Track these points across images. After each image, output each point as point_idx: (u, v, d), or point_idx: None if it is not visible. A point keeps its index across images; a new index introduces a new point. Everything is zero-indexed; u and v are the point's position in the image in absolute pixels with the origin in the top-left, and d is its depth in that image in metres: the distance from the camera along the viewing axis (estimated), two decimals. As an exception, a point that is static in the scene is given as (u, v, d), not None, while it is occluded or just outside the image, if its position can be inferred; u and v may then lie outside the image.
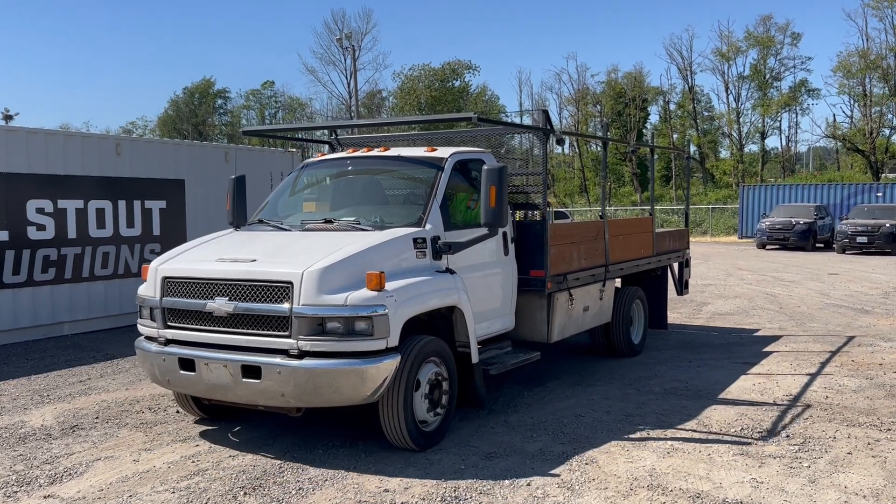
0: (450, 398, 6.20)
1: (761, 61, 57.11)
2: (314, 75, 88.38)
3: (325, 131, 9.03)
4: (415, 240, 6.17)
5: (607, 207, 50.96)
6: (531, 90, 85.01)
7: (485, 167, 6.28)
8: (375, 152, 7.45)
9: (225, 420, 6.79)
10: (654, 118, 66.70)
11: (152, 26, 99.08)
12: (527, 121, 71.21)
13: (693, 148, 60.77)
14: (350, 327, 5.41)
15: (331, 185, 7.59)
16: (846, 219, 27.56)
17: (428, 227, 6.32)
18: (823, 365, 8.94)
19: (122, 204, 12.00)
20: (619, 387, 7.94)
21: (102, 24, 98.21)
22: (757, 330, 11.44)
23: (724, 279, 18.40)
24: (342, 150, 8.54)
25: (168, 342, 6.08)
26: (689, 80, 61.29)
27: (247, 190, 7.78)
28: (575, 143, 63.44)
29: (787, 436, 6.25)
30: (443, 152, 7.03)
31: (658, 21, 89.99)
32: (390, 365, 5.54)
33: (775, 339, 10.65)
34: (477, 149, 7.73)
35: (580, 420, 6.72)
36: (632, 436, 6.28)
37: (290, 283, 5.51)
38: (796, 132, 74.31)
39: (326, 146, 9.13)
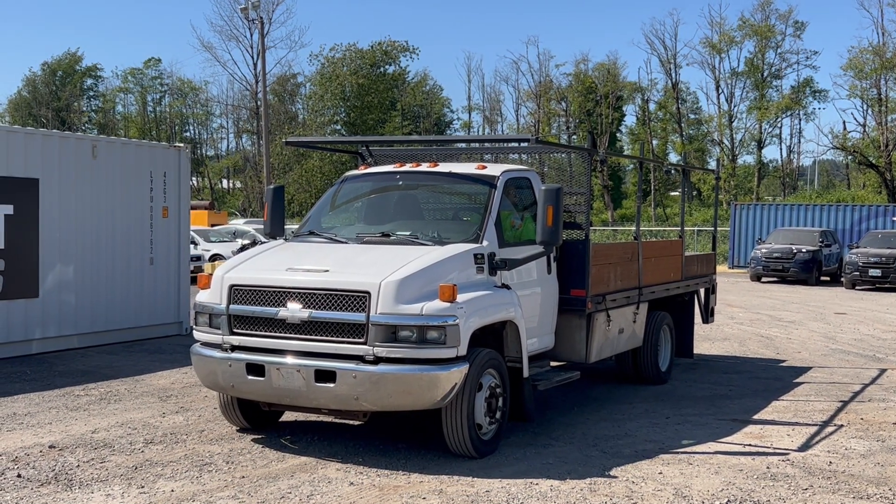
0: (503, 410, 7.81)
1: (758, 55, 58.92)
2: (212, 53, 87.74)
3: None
4: (475, 255, 7.78)
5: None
6: (482, 81, 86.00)
7: (543, 187, 7.97)
8: (425, 167, 9.08)
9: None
10: (630, 119, 68.12)
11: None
12: (476, 118, 71.94)
13: (676, 157, 62.18)
14: (424, 336, 6.97)
15: (377, 198, 9.32)
16: (857, 247, 28.42)
17: (485, 243, 7.95)
18: (826, 423, 9.17)
19: (-45, 208, 11.67)
20: (581, 448, 8.01)
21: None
22: (748, 380, 11.69)
23: (711, 317, 18.74)
24: (372, 161, 10.40)
25: (233, 348, 7.46)
26: (673, 74, 62.91)
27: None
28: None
29: (783, 510, 6.38)
30: (494, 170, 8.72)
31: (637, 3, 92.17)
32: (460, 372, 7.10)
33: (770, 391, 10.90)
34: (523, 167, 9.60)
35: (533, 489, 6.75)
36: (595, 509, 6.32)
37: (368, 292, 7.05)
38: (799, 142, 76.79)
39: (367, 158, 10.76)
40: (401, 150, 11.01)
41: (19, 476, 6.89)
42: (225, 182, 79.69)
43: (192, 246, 26.24)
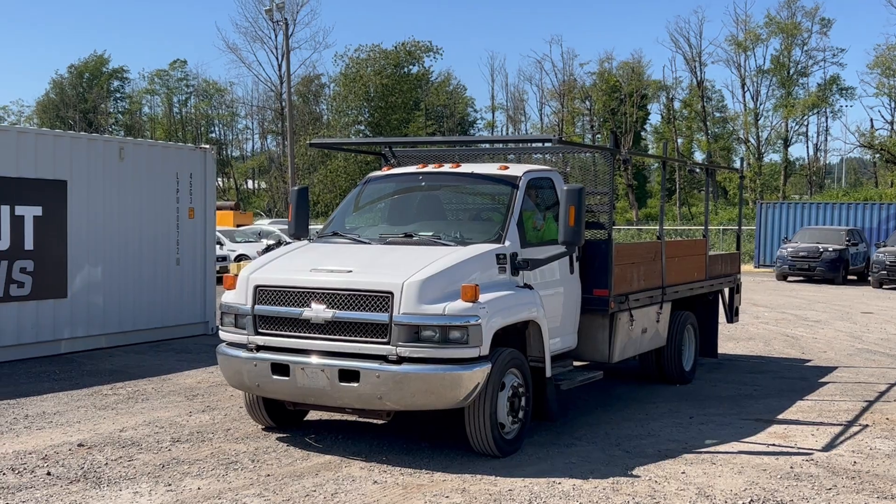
0: (526, 409, 7.83)
1: (785, 52, 58.49)
2: (237, 54, 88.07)
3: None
4: (497, 256, 7.81)
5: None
6: (506, 80, 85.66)
7: (566, 187, 7.99)
8: (447, 168, 9.14)
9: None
10: (654, 118, 67.80)
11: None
12: (500, 117, 71.90)
13: (701, 156, 61.86)
14: (446, 336, 7.02)
15: (400, 198, 9.36)
16: (884, 246, 28.19)
17: (507, 243, 7.96)
18: (851, 423, 9.13)
19: (-15, 209, 11.82)
20: (604, 447, 8.03)
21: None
22: (773, 379, 11.64)
23: (736, 317, 18.66)
24: (396, 162, 10.46)
25: (258, 348, 7.51)
26: (698, 73, 62.51)
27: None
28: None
29: (806, 510, 6.38)
30: (516, 170, 8.75)
31: (661, 1, 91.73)
32: (482, 372, 7.14)
33: (795, 390, 10.85)
34: (545, 167, 9.59)
35: (555, 488, 6.77)
36: (617, 508, 6.35)
37: (391, 293, 7.11)
38: (826, 140, 75.97)
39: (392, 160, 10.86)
40: (423, 151, 11.04)
41: (49, 474, 7.00)
42: (250, 183, 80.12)
43: (217, 246, 26.46)
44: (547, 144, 10.93)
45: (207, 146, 15.53)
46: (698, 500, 6.55)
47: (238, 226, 38.00)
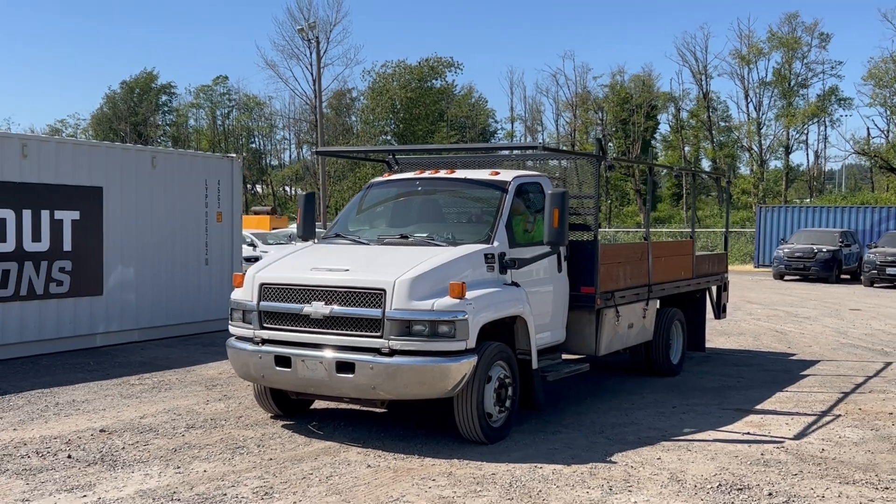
0: (513, 399, 7.82)
1: (786, 65, 57.87)
2: (274, 70, 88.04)
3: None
4: (485, 255, 7.81)
5: (608, 228, 51.71)
6: (524, 93, 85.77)
7: (550, 191, 8.01)
8: (442, 174, 9.16)
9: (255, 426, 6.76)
10: (663, 128, 67.36)
11: (86, 7, 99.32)
12: (519, 128, 71.79)
13: (707, 163, 61.44)
14: (435, 330, 7.04)
15: (399, 202, 9.38)
16: (875, 247, 27.85)
17: (496, 244, 7.95)
18: (825, 413, 9.04)
19: (26, 214, 11.95)
20: (588, 435, 7.99)
21: (27, 5, 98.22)
22: (757, 372, 11.53)
23: (731, 314, 18.35)
24: (399, 169, 10.40)
25: (263, 342, 7.58)
26: (704, 85, 62.02)
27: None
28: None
29: (770, 494, 6.31)
30: (506, 175, 8.78)
31: (669, 17, 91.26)
32: (469, 364, 7.16)
33: (776, 382, 10.75)
34: (535, 172, 9.56)
35: (536, 472, 6.75)
36: (591, 491, 6.32)
37: (384, 290, 7.13)
38: (825, 147, 74.97)
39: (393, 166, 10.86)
40: (426, 158, 11.00)
41: (69, 457, 7.08)
42: (288, 189, 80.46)
43: (250, 248, 26.60)
44: (530, 151, 10.92)
45: (234, 155, 15.62)
46: (670, 484, 6.51)
47: (273, 229, 38.23)
